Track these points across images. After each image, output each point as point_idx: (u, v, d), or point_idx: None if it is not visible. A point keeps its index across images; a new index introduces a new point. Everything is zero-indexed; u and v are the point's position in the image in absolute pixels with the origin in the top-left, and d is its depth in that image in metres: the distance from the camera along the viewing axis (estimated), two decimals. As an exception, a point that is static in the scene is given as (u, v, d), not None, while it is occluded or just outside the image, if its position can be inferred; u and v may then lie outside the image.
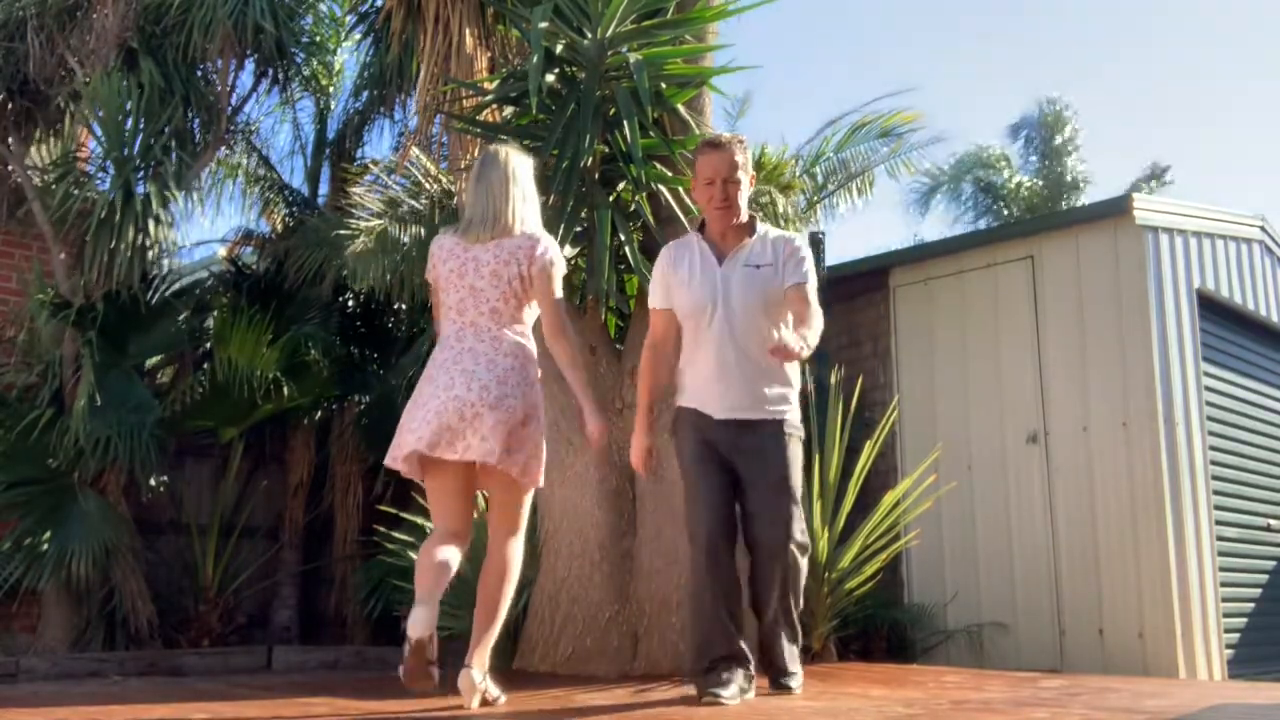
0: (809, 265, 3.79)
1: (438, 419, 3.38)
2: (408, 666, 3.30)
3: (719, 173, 3.71)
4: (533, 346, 3.61)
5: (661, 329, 3.87)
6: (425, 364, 3.62)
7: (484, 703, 3.45)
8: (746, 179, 3.78)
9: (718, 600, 3.64)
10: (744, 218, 3.80)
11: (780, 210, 6.28)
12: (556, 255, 3.59)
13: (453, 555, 3.45)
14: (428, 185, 6.58)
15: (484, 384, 3.41)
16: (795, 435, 3.75)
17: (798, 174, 8.00)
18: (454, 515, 3.55)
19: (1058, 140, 17.49)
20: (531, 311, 3.62)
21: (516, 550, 3.61)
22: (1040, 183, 17.29)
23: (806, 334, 3.51)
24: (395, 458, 3.51)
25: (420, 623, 3.27)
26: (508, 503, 3.60)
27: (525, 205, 3.61)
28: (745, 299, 3.69)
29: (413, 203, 6.60)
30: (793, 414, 3.76)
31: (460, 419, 3.38)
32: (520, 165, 3.66)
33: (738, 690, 3.58)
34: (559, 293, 3.59)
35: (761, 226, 3.84)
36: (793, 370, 3.79)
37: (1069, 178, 17.26)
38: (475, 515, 3.79)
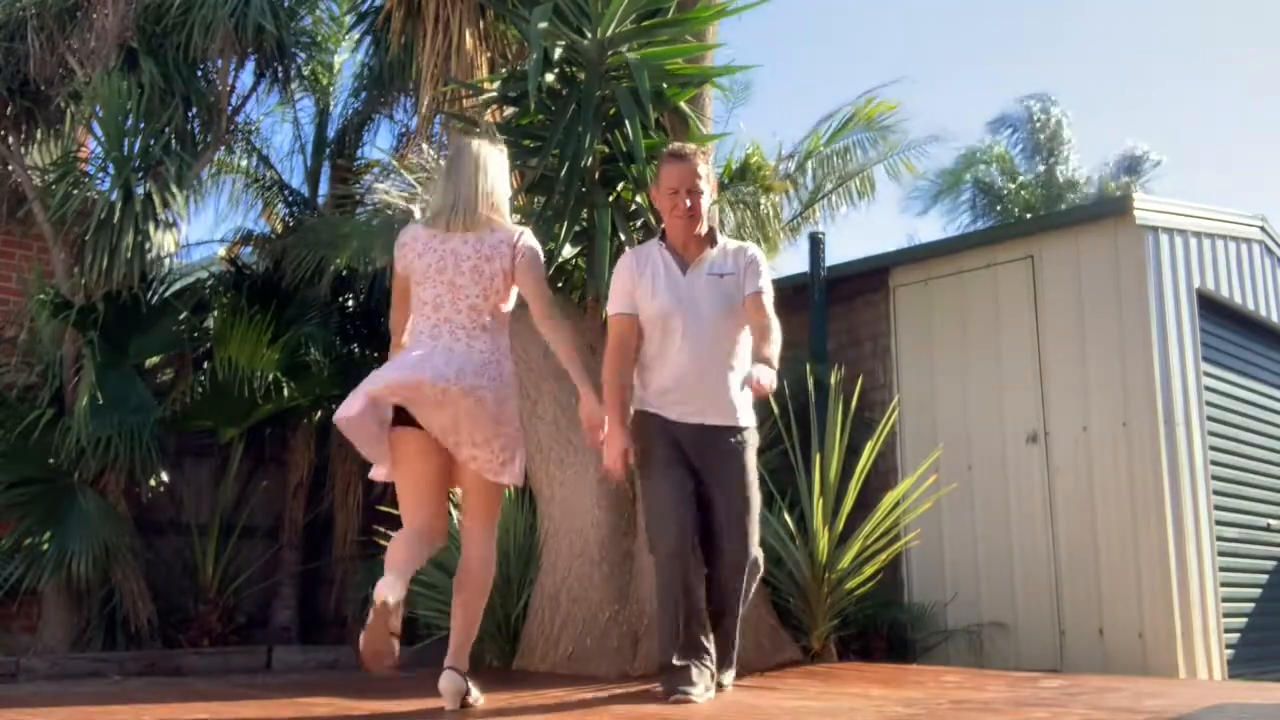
0: (766, 276, 3.89)
1: (415, 379, 3.28)
2: (368, 634, 3.09)
3: (683, 182, 3.79)
4: (507, 342, 3.56)
5: (624, 333, 3.88)
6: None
7: (463, 704, 3.43)
8: (709, 189, 3.87)
9: (686, 598, 3.68)
10: (705, 228, 3.89)
11: (761, 210, 6.28)
12: (536, 244, 3.57)
13: (421, 552, 3.39)
14: (434, 181, 6.58)
15: (456, 378, 3.30)
16: (752, 442, 3.86)
17: (791, 170, 8.01)
18: (426, 508, 3.44)
19: (1043, 137, 17.36)
20: (507, 307, 3.56)
21: (491, 547, 3.55)
22: (1035, 176, 17.17)
23: (771, 354, 3.62)
24: (352, 409, 3.29)
25: (389, 586, 3.08)
26: (488, 499, 3.51)
27: (496, 195, 3.54)
28: (711, 306, 3.78)
29: (420, 198, 6.59)
30: (752, 420, 3.88)
31: (443, 410, 3.30)
32: (492, 156, 3.58)
33: (704, 688, 3.64)
34: (544, 280, 3.57)
35: (721, 238, 3.95)
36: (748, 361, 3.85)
37: (1061, 179, 17.14)
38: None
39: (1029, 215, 15.51)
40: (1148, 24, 39.62)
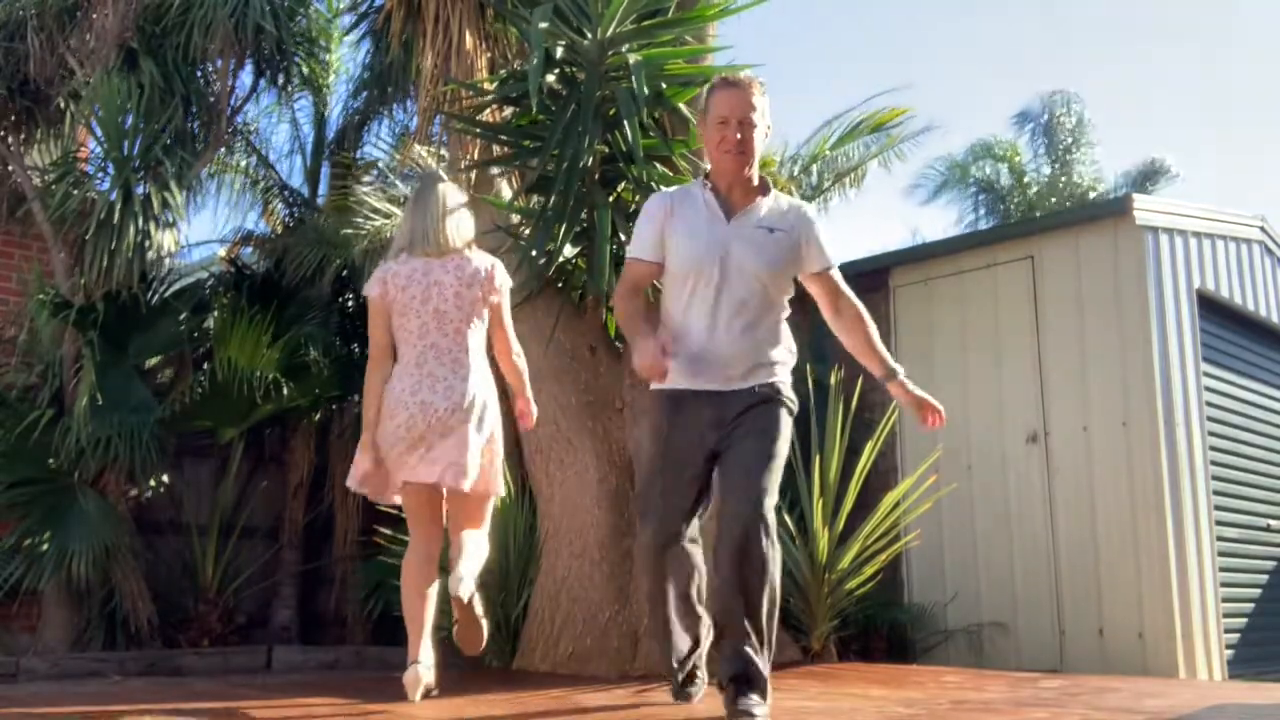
0: (830, 242, 3.40)
1: (408, 448, 3.55)
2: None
3: (734, 111, 3.22)
4: (485, 359, 3.74)
5: (638, 280, 3.38)
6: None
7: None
8: (763, 125, 3.29)
9: (673, 598, 3.43)
10: (755, 170, 3.33)
11: None
12: (509, 279, 3.79)
13: (434, 582, 3.68)
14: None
15: (448, 408, 3.54)
16: (788, 404, 3.29)
17: (795, 172, 8.00)
18: (434, 532, 3.74)
19: (1064, 135, 17.20)
20: (484, 326, 3.74)
21: (482, 533, 3.73)
22: (1050, 174, 17.00)
23: (883, 349, 3.42)
24: (360, 482, 3.69)
25: (417, 684, 3.53)
26: (473, 514, 3.71)
27: (464, 227, 3.74)
28: (754, 263, 3.23)
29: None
30: (787, 381, 3.33)
31: (435, 443, 3.54)
32: (452, 193, 3.79)
33: (705, 688, 3.60)
34: (509, 315, 3.81)
35: (773, 190, 3.42)
36: (789, 334, 3.40)
37: (1076, 180, 16.96)
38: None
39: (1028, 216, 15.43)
40: (1147, 20, 39.65)
